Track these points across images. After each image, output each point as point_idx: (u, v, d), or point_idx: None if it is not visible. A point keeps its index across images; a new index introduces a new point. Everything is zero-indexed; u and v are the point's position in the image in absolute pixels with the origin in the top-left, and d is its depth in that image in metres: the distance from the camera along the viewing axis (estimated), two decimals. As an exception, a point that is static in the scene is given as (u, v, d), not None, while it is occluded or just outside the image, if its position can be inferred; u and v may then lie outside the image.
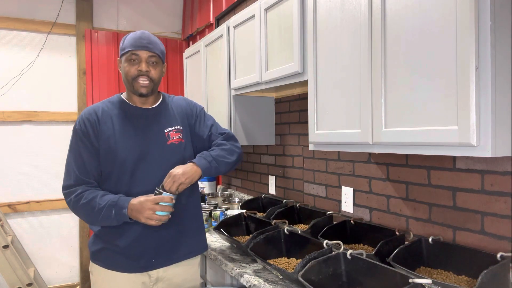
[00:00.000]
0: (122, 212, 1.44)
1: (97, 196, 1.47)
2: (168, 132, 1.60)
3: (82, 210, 1.48)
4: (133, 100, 1.59)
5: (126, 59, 1.53)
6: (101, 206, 1.44)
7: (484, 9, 1.00)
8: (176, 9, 4.13)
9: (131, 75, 1.52)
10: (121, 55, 1.55)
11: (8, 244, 2.90)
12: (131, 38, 1.53)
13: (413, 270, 1.34)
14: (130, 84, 1.54)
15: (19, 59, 3.48)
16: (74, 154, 1.53)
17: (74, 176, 1.50)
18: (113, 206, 1.44)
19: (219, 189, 3.41)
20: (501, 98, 1.03)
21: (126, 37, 1.55)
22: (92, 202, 1.45)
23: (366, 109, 1.34)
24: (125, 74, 1.54)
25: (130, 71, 1.52)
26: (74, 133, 1.55)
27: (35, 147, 3.53)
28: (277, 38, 1.89)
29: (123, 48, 1.54)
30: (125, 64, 1.53)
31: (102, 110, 1.56)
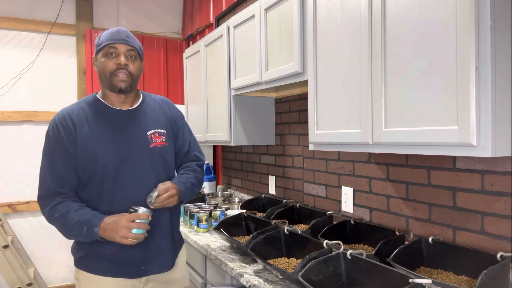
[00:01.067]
0: (93, 230, 1.36)
1: (71, 210, 1.39)
2: (151, 134, 1.53)
3: (56, 223, 1.42)
4: (111, 101, 1.50)
5: (103, 53, 1.44)
6: (73, 222, 1.37)
7: (484, 9, 1.00)
8: (176, 9, 4.13)
9: (109, 69, 1.43)
10: (97, 51, 1.47)
11: (8, 244, 2.90)
12: (108, 33, 1.46)
13: (413, 270, 1.34)
14: (108, 80, 1.45)
15: (19, 59, 3.48)
16: (48, 162, 1.44)
17: (47, 187, 1.43)
18: (85, 223, 1.37)
19: (219, 189, 3.42)
20: (501, 98, 1.03)
21: (102, 34, 1.48)
22: (66, 216, 1.38)
23: (366, 109, 1.34)
24: (102, 69, 1.45)
25: (108, 65, 1.43)
26: (47, 139, 1.45)
27: (35, 147, 3.52)
28: (277, 38, 1.89)
29: (99, 43, 1.45)
30: (102, 59, 1.44)
31: (77, 113, 1.46)
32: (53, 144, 1.44)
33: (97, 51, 1.48)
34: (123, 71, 1.44)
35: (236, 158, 3.20)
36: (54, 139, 1.43)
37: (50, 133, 1.45)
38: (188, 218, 2.44)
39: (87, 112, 1.47)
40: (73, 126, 1.43)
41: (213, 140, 2.66)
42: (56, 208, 1.41)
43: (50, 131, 1.45)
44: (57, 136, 1.43)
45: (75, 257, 1.53)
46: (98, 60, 1.47)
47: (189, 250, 2.29)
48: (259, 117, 2.53)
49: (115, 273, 1.47)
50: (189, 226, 2.42)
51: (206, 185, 3.29)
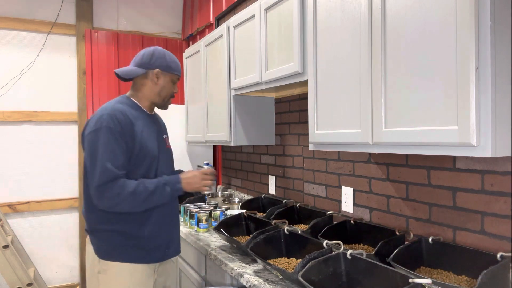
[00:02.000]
0: (177, 186, 1.64)
1: (141, 182, 1.57)
2: (165, 138, 1.83)
3: (130, 197, 1.54)
4: (145, 106, 1.76)
5: (172, 80, 1.75)
6: (152, 187, 1.57)
7: (484, 9, 1.00)
8: (176, 9, 4.13)
9: (170, 94, 1.77)
10: (166, 72, 1.73)
11: (8, 244, 2.90)
12: (175, 62, 1.76)
13: (413, 270, 1.34)
14: (162, 100, 1.76)
15: (19, 59, 3.48)
16: (109, 152, 1.55)
17: (110, 173, 1.53)
18: (167, 184, 1.61)
19: (219, 189, 3.41)
20: (501, 98, 1.03)
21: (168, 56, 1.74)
22: (139, 187, 1.55)
23: (366, 109, 1.34)
24: (165, 90, 1.74)
25: (171, 90, 1.76)
26: (107, 132, 1.56)
27: (35, 147, 3.53)
28: (277, 38, 1.89)
29: (171, 67, 1.73)
30: (168, 83, 1.74)
31: (129, 112, 1.65)
32: (113, 135, 1.56)
33: (166, 71, 1.73)
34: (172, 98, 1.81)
35: (236, 158, 3.20)
36: (115, 130, 1.57)
37: (111, 126, 1.57)
38: (188, 218, 2.44)
39: (134, 112, 1.68)
40: (131, 122, 1.62)
41: (213, 140, 2.66)
42: (124, 186, 1.54)
43: (111, 124, 1.57)
44: (117, 127, 1.57)
45: (102, 250, 1.64)
46: (165, 81, 1.74)
47: (189, 250, 2.29)
48: (259, 117, 2.53)
49: (143, 259, 1.65)
50: (189, 226, 2.42)
51: (206, 185, 3.29)
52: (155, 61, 1.70)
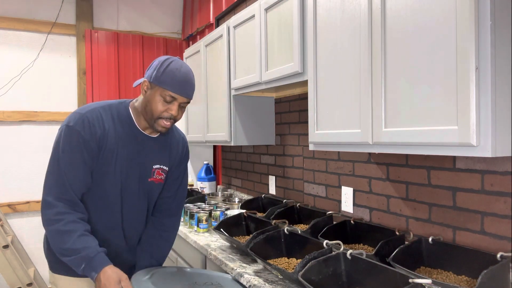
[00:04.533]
0: (91, 274, 1.32)
1: (76, 231, 1.31)
2: (155, 168, 1.52)
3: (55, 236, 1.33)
4: (140, 123, 1.47)
5: (160, 95, 1.37)
6: (74, 248, 1.29)
7: (484, 9, 1.00)
8: (176, 9, 4.13)
9: (159, 114, 1.38)
10: (155, 83, 1.37)
11: (8, 244, 2.90)
12: (174, 77, 1.36)
13: (413, 270, 1.34)
14: (152, 119, 1.40)
15: (19, 59, 3.48)
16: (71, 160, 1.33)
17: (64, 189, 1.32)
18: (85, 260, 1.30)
19: (219, 189, 3.41)
20: (501, 98, 1.03)
21: (167, 68, 1.36)
22: (68, 236, 1.30)
23: (366, 109, 1.34)
24: (151, 107, 1.38)
25: (159, 109, 1.38)
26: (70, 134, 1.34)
27: (35, 147, 3.52)
28: (277, 38, 1.89)
29: (161, 80, 1.35)
30: (156, 98, 1.37)
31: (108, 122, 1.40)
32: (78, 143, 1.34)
33: (155, 82, 1.37)
34: (171, 120, 1.41)
35: (236, 158, 3.20)
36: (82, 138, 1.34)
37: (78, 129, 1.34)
38: (188, 218, 2.44)
39: (117, 124, 1.43)
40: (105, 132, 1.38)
41: (213, 140, 2.66)
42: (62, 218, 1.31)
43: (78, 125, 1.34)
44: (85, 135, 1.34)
45: (50, 261, 1.49)
46: (151, 94, 1.39)
47: (189, 250, 2.29)
48: (259, 117, 2.53)
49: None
50: (189, 226, 2.42)
51: (206, 185, 3.30)
52: (151, 69, 1.40)
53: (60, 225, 1.30)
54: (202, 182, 3.30)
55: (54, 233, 1.32)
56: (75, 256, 1.30)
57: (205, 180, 3.29)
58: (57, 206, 1.31)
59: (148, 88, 1.40)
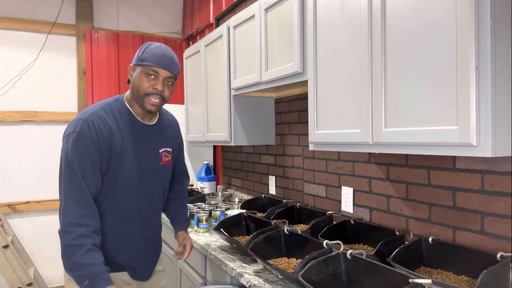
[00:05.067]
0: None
1: (85, 245, 1.32)
2: (162, 152, 1.60)
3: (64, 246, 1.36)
4: (137, 112, 1.53)
5: (143, 72, 1.44)
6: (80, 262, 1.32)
7: (484, 9, 1.00)
8: (176, 9, 4.13)
9: (145, 90, 1.44)
10: (137, 64, 1.46)
11: (8, 244, 2.90)
12: (153, 52, 1.44)
13: (413, 270, 1.34)
14: (140, 98, 1.46)
15: (19, 59, 3.48)
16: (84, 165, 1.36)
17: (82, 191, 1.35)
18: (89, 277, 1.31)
19: (219, 189, 3.42)
20: (501, 98, 1.03)
21: (147, 47, 1.46)
22: (77, 249, 1.32)
23: (366, 109, 1.34)
24: (137, 86, 1.45)
25: (145, 86, 1.44)
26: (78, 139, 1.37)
27: (35, 147, 3.53)
28: (277, 38, 1.89)
29: (141, 58, 1.44)
30: (140, 76, 1.45)
31: (111, 119, 1.45)
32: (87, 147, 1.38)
33: (137, 64, 1.46)
34: (158, 95, 1.46)
35: (236, 158, 3.20)
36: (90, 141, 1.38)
37: (86, 134, 1.38)
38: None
39: (119, 120, 1.48)
40: (110, 131, 1.43)
41: (213, 140, 2.66)
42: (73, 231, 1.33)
43: (85, 131, 1.38)
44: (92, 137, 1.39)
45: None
46: (136, 74, 1.46)
47: (189, 250, 2.29)
48: (259, 117, 2.53)
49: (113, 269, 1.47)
50: (189, 226, 2.41)
51: (206, 185, 3.29)
52: (135, 56, 1.49)
53: (70, 238, 1.33)
54: (202, 182, 3.31)
55: (64, 245, 1.36)
56: (80, 272, 1.32)
57: (205, 180, 3.29)
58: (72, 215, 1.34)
59: (133, 71, 1.49)
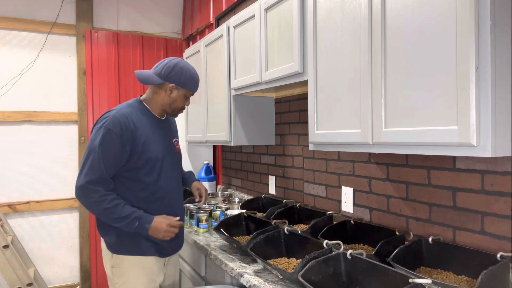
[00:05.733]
0: (145, 227, 1.66)
1: (120, 204, 1.64)
2: (175, 141, 1.94)
3: (102, 211, 1.63)
4: (155, 111, 1.83)
5: (185, 95, 1.81)
6: (124, 215, 1.63)
7: (484, 9, 1.00)
8: (176, 9, 4.13)
9: (181, 107, 1.84)
10: (181, 87, 1.77)
11: (8, 244, 2.90)
12: (195, 80, 1.81)
13: (413, 270, 1.34)
14: (172, 110, 1.84)
15: (19, 59, 3.48)
16: (104, 152, 1.63)
17: (100, 173, 1.62)
18: (138, 219, 1.65)
19: (219, 189, 3.42)
20: (501, 98, 1.03)
21: (188, 72, 1.77)
22: (115, 209, 1.63)
23: (366, 109, 1.34)
24: (177, 104, 1.81)
25: (182, 104, 1.83)
26: (106, 133, 1.64)
27: (35, 147, 3.52)
28: (277, 38, 1.89)
29: (187, 84, 1.78)
30: (181, 97, 1.80)
31: (136, 117, 1.73)
32: (112, 139, 1.64)
33: (181, 86, 1.78)
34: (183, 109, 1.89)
35: (236, 158, 3.20)
36: (115, 135, 1.64)
37: (111, 128, 1.64)
38: (188, 218, 2.43)
39: (141, 117, 1.76)
40: (134, 127, 1.70)
41: (213, 140, 2.66)
42: (106, 198, 1.62)
43: (111, 125, 1.65)
44: (119, 132, 1.65)
45: (113, 245, 1.73)
46: (177, 94, 1.79)
47: (189, 250, 2.30)
48: (259, 117, 2.53)
49: (154, 252, 1.75)
50: (189, 226, 2.42)
51: (206, 185, 3.29)
52: (173, 75, 1.75)
53: (106, 203, 1.62)
54: (202, 182, 3.30)
55: (103, 210, 1.63)
56: (128, 220, 1.64)
57: (205, 180, 3.29)
58: (99, 190, 1.63)
59: (174, 90, 1.79)
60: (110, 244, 1.74)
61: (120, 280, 1.74)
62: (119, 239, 1.72)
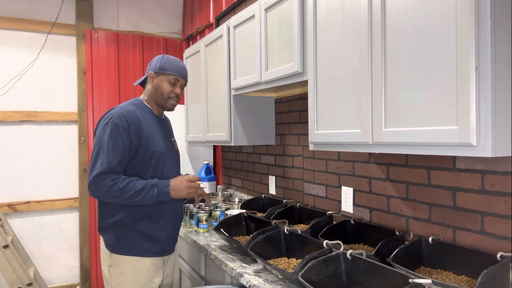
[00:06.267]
0: (164, 190, 1.70)
1: (133, 180, 1.67)
2: (173, 140, 1.97)
3: (120, 192, 1.63)
4: (154, 108, 1.87)
5: (167, 80, 1.80)
6: (141, 187, 1.65)
7: (484, 9, 1.00)
8: (176, 9, 4.13)
9: (167, 94, 1.82)
10: (160, 73, 1.80)
11: (8, 244, 2.90)
12: (174, 64, 1.81)
13: (413, 270, 1.34)
14: (163, 100, 1.83)
15: (19, 59, 3.48)
16: (111, 146, 1.66)
17: (109, 164, 1.64)
18: (155, 186, 1.68)
19: (219, 189, 3.42)
20: (501, 98, 1.03)
21: (167, 59, 1.81)
22: (130, 185, 1.64)
23: (366, 109, 1.34)
24: (161, 90, 1.81)
25: (167, 90, 1.81)
26: (114, 128, 1.67)
27: (35, 147, 3.52)
28: (277, 38, 1.89)
29: (165, 68, 1.79)
30: (164, 83, 1.80)
31: (139, 113, 1.77)
32: (119, 132, 1.67)
33: (159, 71, 1.80)
34: (176, 99, 1.86)
35: (236, 158, 3.20)
36: (122, 128, 1.68)
37: (117, 122, 1.68)
38: (188, 218, 2.44)
39: (144, 114, 1.80)
40: (139, 122, 1.73)
41: (213, 140, 2.66)
42: (118, 180, 1.63)
43: (117, 120, 1.68)
44: (124, 126, 1.68)
45: (112, 244, 1.73)
46: (159, 81, 1.81)
47: (189, 250, 2.29)
48: (259, 117, 2.53)
49: (153, 253, 1.75)
50: (189, 226, 2.42)
51: (206, 185, 3.29)
52: (152, 64, 1.83)
53: (119, 183, 1.63)
54: (202, 182, 3.31)
55: (118, 190, 1.64)
56: (146, 191, 1.66)
57: (205, 180, 3.29)
58: (110, 176, 1.64)
59: (155, 77, 1.82)
60: (110, 243, 1.73)
61: (117, 280, 1.73)
62: (118, 239, 1.72)
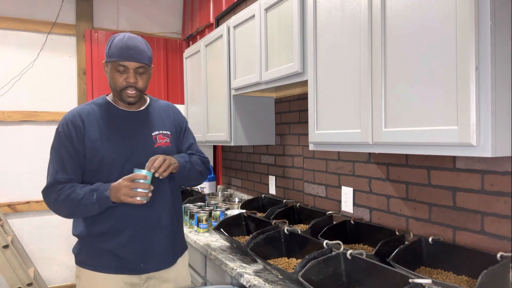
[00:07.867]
0: (104, 194, 1.43)
1: (76, 188, 1.46)
2: (155, 135, 1.61)
3: (64, 204, 1.46)
4: (119, 103, 1.58)
5: (113, 68, 1.49)
6: (82, 195, 1.44)
7: (484, 9, 1.00)
8: (176, 9, 4.13)
9: (119, 85, 1.50)
10: (108, 62, 1.50)
11: (8, 244, 2.90)
12: (117, 46, 1.48)
13: (413, 270, 1.34)
14: (117, 93, 1.53)
15: (19, 59, 3.48)
16: (55, 156, 1.51)
17: (53, 178, 1.48)
18: (94, 191, 1.44)
19: (219, 189, 3.42)
20: (501, 98, 1.03)
21: (112, 41, 1.50)
22: (73, 194, 1.45)
23: (366, 109, 1.34)
24: (113, 83, 1.51)
25: (118, 81, 1.49)
26: (56, 135, 1.52)
27: (35, 147, 3.52)
28: (277, 38, 1.89)
29: (109, 54, 1.49)
30: (112, 73, 1.50)
31: (87, 112, 1.54)
32: (62, 140, 1.50)
33: (107, 60, 1.52)
34: (132, 88, 1.50)
35: (236, 158, 3.20)
36: (64, 135, 1.50)
37: (60, 130, 1.52)
38: (188, 218, 2.44)
39: (97, 112, 1.55)
40: (83, 124, 1.51)
41: (213, 140, 2.66)
42: (61, 191, 1.46)
43: (60, 127, 1.52)
44: (66, 132, 1.50)
45: (76, 255, 1.58)
46: (109, 70, 1.52)
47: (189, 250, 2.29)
48: (259, 117, 2.53)
49: (116, 269, 1.52)
50: (189, 226, 2.42)
51: (206, 185, 3.30)
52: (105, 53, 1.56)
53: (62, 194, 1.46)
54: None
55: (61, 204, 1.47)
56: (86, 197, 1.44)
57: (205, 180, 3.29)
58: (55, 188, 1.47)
59: (106, 67, 1.54)
60: (74, 253, 1.58)
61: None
62: (80, 249, 1.56)
